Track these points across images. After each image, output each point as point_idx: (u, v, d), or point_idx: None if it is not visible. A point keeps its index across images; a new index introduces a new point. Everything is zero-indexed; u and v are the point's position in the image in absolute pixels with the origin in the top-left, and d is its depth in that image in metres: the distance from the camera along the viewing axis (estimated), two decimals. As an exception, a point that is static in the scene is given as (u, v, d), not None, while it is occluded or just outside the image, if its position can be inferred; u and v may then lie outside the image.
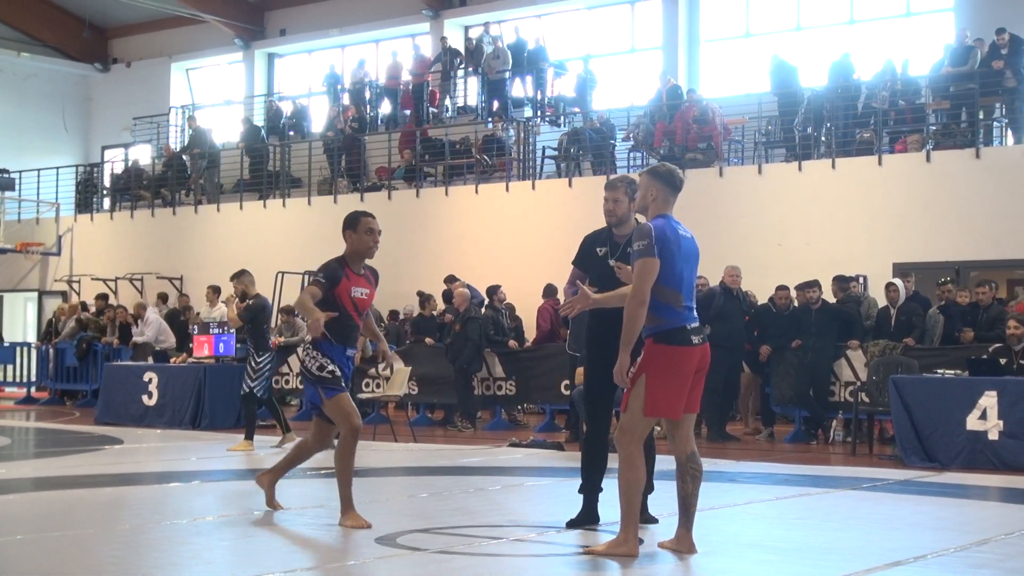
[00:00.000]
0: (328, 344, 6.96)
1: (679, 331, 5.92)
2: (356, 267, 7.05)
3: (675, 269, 5.94)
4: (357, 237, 7.00)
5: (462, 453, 12.04)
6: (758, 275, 15.26)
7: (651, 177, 6.16)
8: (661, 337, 5.92)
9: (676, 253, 5.95)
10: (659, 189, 6.12)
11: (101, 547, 6.31)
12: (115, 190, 25.84)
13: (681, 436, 6.08)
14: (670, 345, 5.90)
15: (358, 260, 7.05)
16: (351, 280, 6.97)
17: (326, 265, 6.98)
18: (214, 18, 27.61)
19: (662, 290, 5.92)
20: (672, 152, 19.17)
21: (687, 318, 5.97)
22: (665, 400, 5.89)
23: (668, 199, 6.13)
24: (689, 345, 5.93)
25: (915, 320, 13.16)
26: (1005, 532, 6.94)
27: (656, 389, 5.88)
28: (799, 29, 21.91)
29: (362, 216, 7.09)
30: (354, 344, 7.10)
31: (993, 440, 10.53)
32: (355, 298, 6.99)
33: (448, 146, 21.20)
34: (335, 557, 6.08)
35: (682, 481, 6.04)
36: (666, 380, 5.88)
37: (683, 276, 5.97)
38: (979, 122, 17.23)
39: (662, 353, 5.90)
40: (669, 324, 5.92)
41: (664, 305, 5.92)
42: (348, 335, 7.02)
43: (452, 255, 20.07)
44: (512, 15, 24.76)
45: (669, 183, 6.14)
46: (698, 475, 6.04)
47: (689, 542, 6.05)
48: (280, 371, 17.18)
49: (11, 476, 9.65)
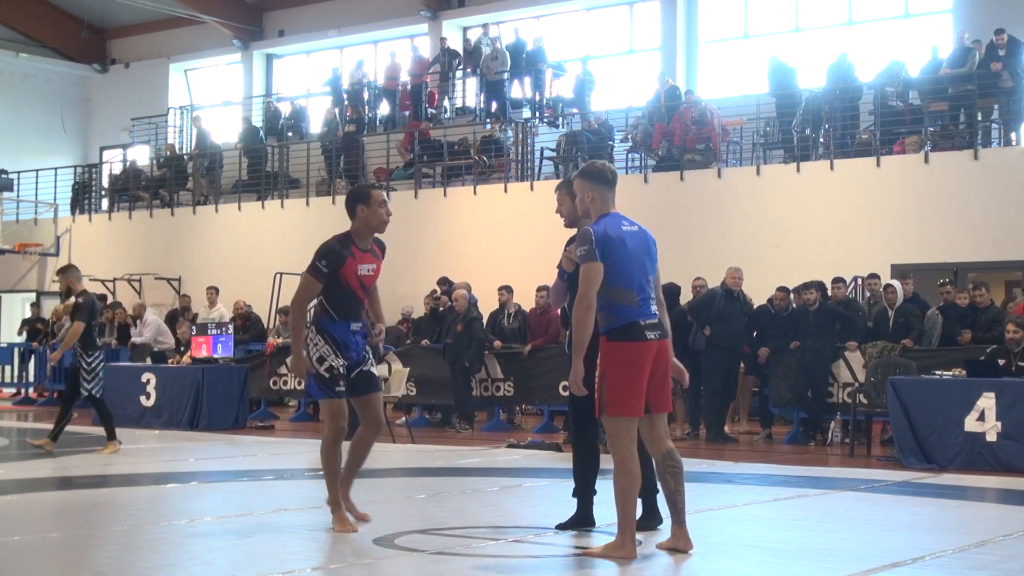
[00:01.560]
0: (331, 320, 6.74)
1: (631, 327, 5.91)
2: (363, 243, 6.77)
3: (624, 268, 5.93)
4: (371, 211, 6.70)
5: (460, 454, 12.04)
6: (756, 276, 15.25)
7: (582, 179, 6.17)
8: (614, 334, 5.93)
9: (623, 251, 5.94)
10: (593, 189, 6.13)
11: (99, 548, 6.31)
12: (113, 191, 25.83)
13: (655, 436, 6.10)
14: (623, 342, 5.91)
15: (367, 235, 6.78)
16: (357, 258, 6.70)
17: (328, 249, 6.66)
18: (212, 19, 27.61)
19: (613, 291, 5.93)
20: (670, 153, 19.19)
21: (641, 313, 5.94)
22: (623, 397, 5.89)
23: (605, 196, 6.12)
24: (643, 340, 5.91)
25: (913, 322, 13.17)
26: (1003, 533, 6.95)
27: (614, 387, 5.90)
28: (797, 30, 21.92)
29: (372, 189, 6.87)
30: (358, 317, 6.82)
31: (991, 441, 10.53)
32: (362, 276, 6.73)
33: (446, 147, 21.20)
34: (333, 558, 6.08)
35: (663, 480, 6.09)
36: (622, 377, 5.88)
37: (633, 273, 5.96)
38: (977, 123, 17.24)
39: (616, 350, 5.91)
40: (621, 321, 5.92)
41: (616, 304, 5.94)
42: (352, 310, 6.77)
43: (450, 256, 20.07)
44: (511, 16, 24.77)
45: (601, 180, 6.13)
46: (678, 472, 6.05)
47: (684, 538, 6.07)
48: (279, 372, 17.17)
49: (9, 476, 9.65)
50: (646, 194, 18.43)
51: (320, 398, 6.88)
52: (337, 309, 6.75)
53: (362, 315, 6.89)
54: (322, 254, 6.67)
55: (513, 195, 20.05)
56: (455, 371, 15.27)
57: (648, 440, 6.13)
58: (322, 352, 6.74)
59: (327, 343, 6.74)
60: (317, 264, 6.65)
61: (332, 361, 6.73)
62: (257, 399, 17.30)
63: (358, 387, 6.85)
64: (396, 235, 20.29)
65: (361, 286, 6.76)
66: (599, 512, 6.92)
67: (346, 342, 6.77)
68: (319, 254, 6.68)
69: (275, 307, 19.41)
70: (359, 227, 6.76)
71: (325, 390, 6.75)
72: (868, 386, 12.57)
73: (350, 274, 6.69)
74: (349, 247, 6.71)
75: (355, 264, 6.70)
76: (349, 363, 6.78)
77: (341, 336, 6.76)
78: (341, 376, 6.74)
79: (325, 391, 6.75)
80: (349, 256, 6.68)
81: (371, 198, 6.76)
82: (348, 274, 6.68)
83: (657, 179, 18.98)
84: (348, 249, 6.70)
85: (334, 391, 6.73)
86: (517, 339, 15.74)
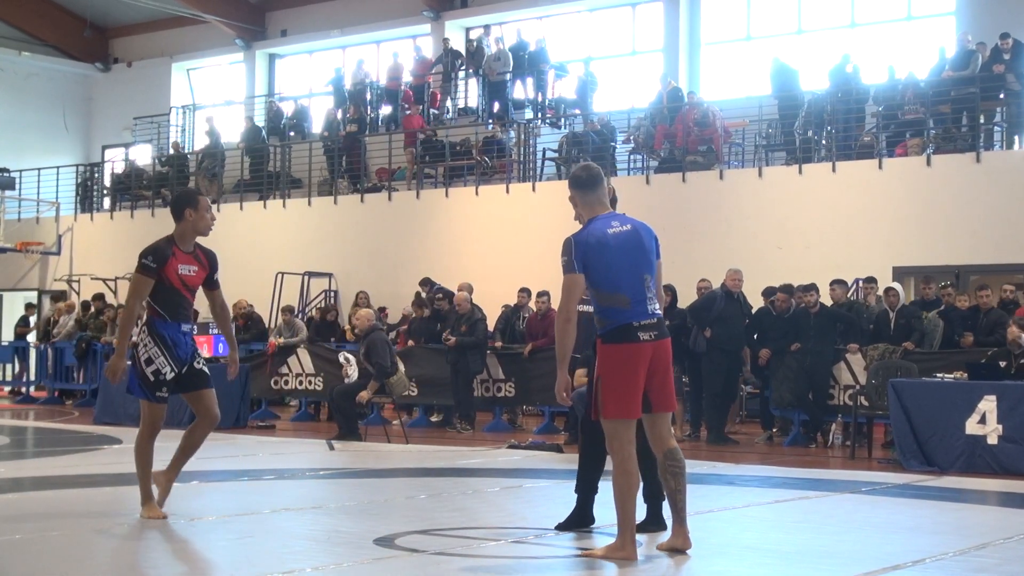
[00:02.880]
0: (163, 322, 7.03)
1: (624, 329, 5.89)
2: (185, 245, 7.09)
3: (608, 273, 5.90)
4: (198, 215, 7.05)
5: (461, 454, 12.04)
6: (758, 278, 15.25)
7: (569, 187, 6.22)
8: (607, 337, 5.93)
9: (606, 255, 5.90)
10: (578, 193, 6.15)
11: (100, 547, 6.31)
12: (115, 190, 25.84)
13: (656, 435, 6.10)
14: (617, 344, 5.89)
15: (190, 238, 7.11)
16: (178, 258, 7.01)
17: (152, 247, 7.00)
18: (215, 18, 27.62)
19: (602, 295, 5.93)
20: (672, 155, 19.20)
21: (635, 315, 5.90)
22: (618, 400, 5.88)
23: (589, 199, 6.12)
24: (636, 342, 5.88)
25: (914, 324, 13.16)
26: (1004, 536, 6.94)
27: (608, 390, 5.89)
28: (800, 32, 21.92)
29: (199, 195, 7.22)
30: (188, 319, 7.14)
31: (992, 444, 10.52)
32: (183, 275, 7.03)
33: (448, 147, 21.20)
34: (333, 558, 6.08)
35: (664, 479, 6.08)
36: (617, 379, 5.88)
37: (620, 277, 5.91)
38: (980, 126, 17.24)
39: (610, 353, 5.91)
40: (614, 323, 5.91)
41: (607, 307, 5.93)
42: (180, 312, 7.08)
43: (452, 256, 20.07)
44: (513, 17, 24.78)
45: (578, 185, 6.16)
46: (679, 471, 6.03)
47: (684, 537, 6.06)
48: (280, 372, 17.18)
49: (10, 475, 9.65)
50: (648, 195, 18.43)
51: (140, 398, 7.17)
52: (167, 309, 7.05)
53: (191, 318, 7.23)
54: (146, 252, 7.01)
55: (515, 196, 20.05)
56: (456, 372, 15.27)
57: (650, 439, 6.13)
58: (151, 354, 7.05)
59: (157, 345, 7.05)
60: (144, 261, 6.97)
61: (160, 365, 7.03)
62: (258, 399, 17.29)
63: (189, 384, 7.18)
64: (397, 235, 20.62)
65: (184, 285, 7.06)
66: (599, 512, 6.91)
67: (176, 342, 7.06)
68: (144, 252, 7.02)
69: (276, 307, 19.43)
70: (183, 230, 7.09)
71: (147, 392, 7.06)
72: (869, 388, 12.56)
73: (171, 273, 6.98)
74: (171, 247, 7.03)
75: (176, 263, 7.01)
76: (177, 363, 7.06)
77: (171, 336, 7.05)
78: (164, 383, 7.05)
79: (146, 393, 7.06)
80: (171, 256, 6.98)
81: (199, 203, 7.10)
82: (170, 272, 6.98)
83: (659, 180, 18.98)
84: (170, 249, 7.02)
85: (155, 396, 7.06)
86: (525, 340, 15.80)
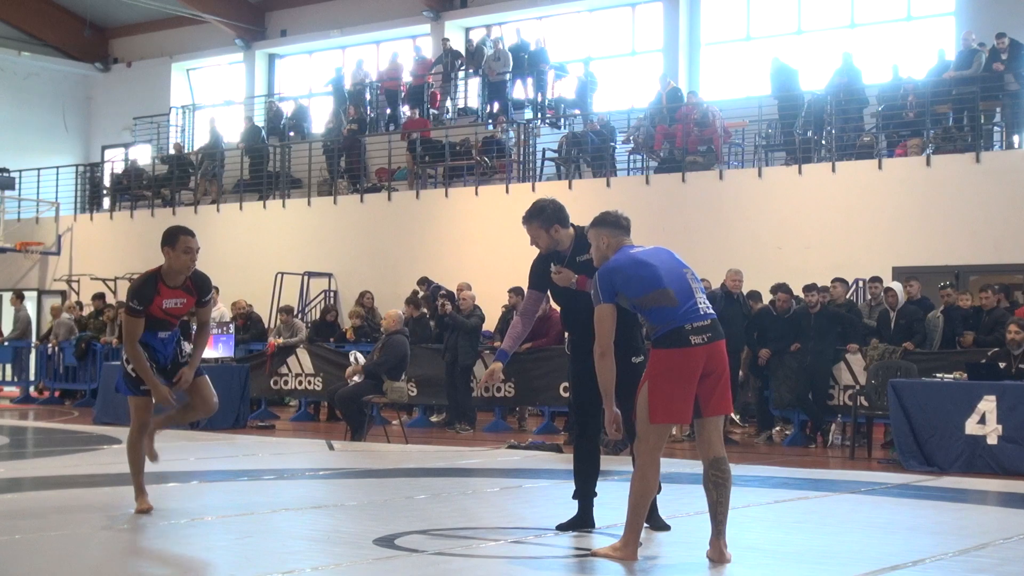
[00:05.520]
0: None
1: (675, 333, 5.85)
2: (172, 280, 7.19)
3: (645, 274, 5.89)
4: (175, 256, 7.13)
5: (460, 455, 12.04)
6: (758, 279, 15.25)
7: (597, 228, 6.21)
8: (659, 342, 5.90)
9: (638, 266, 5.93)
10: (609, 235, 6.16)
11: (99, 547, 6.31)
12: (115, 190, 25.84)
13: (703, 440, 6.02)
14: (667, 349, 5.86)
15: (175, 274, 7.19)
16: (163, 295, 7.16)
17: (138, 288, 7.13)
18: (215, 18, 27.62)
19: (646, 299, 5.89)
20: (672, 155, 19.20)
21: (687, 316, 5.87)
22: (666, 404, 5.85)
23: (621, 240, 6.17)
24: (687, 346, 5.85)
25: (915, 324, 13.16)
26: (1003, 536, 6.94)
27: (657, 393, 5.86)
28: (800, 32, 21.92)
29: (181, 234, 7.19)
30: (166, 329, 7.29)
31: (992, 444, 10.53)
32: (167, 309, 7.21)
33: (448, 148, 21.20)
34: (333, 558, 6.08)
35: (706, 489, 5.95)
36: (667, 384, 5.85)
37: (659, 274, 5.90)
38: (980, 126, 17.24)
39: (661, 357, 5.88)
40: (665, 328, 5.88)
41: (655, 309, 5.89)
42: (158, 327, 7.25)
43: (452, 257, 20.07)
44: (513, 17, 24.78)
45: (615, 226, 6.19)
46: (722, 482, 5.92)
47: (719, 550, 5.94)
48: (279, 372, 17.18)
49: (10, 476, 9.65)
50: (647, 196, 18.43)
51: (127, 395, 7.39)
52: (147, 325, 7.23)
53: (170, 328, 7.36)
54: (132, 294, 7.19)
55: (515, 196, 20.03)
56: (452, 371, 15.28)
57: (698, 444, 6.07)
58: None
59: None
60: (130, 304, 7.16)
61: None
62: (258, 399, 17.29)
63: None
64: (397, 235, 20.61)
65: (167, 315, 7.26)
66: (599, 513, 6.92)
67: (152, 345, 7.28)
68: (129, 294, 7.22)
69: (276, 307, 19.42)
70: (168, 266, 7.21)
71: (131, 388, 7.32)
72: (869, 388, 12.56)
73: (156, 310, 7.19)
74: (155, 285, 7.17)
75: (160, 300, 7.18)
76: (157, 364, 7.30)
77: (148, 341, 7.24)
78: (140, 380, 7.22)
79: (130, 388, 7.33)
80: (155, 295, 7.15)
81: (177, 243, 7.16)
82: (155, 310, 7.18)
83: (659, 181, 18.98)
84: (154, 288, 7.15)
85: (139, 389, 7.30)
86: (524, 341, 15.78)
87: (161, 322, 7.25)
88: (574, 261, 6.82)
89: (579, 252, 6.84)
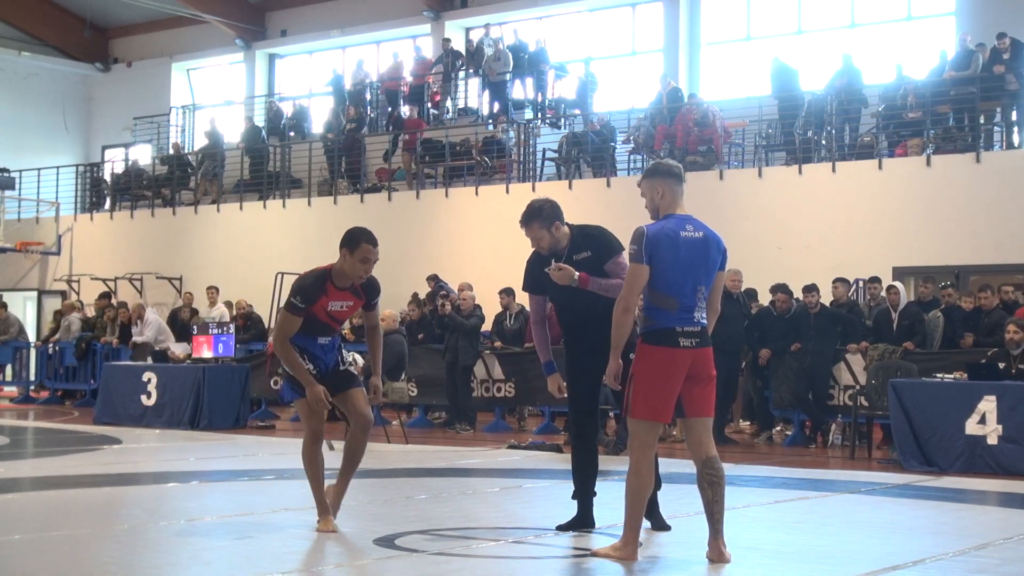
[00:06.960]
0: (299, 334, 6.75)
1: (667, 332, 5.85)
2: (341, 282, 6.69)
3: (667, 275, 5.83)
4: (351, 261, 6.60)
5: (460, 455, 12.04)
6: (758, 279, 15.25)
7: (651, 178, 6.04)
8: (649, 337, 5.89)
9: (673, 258, 5.84)
10: (663, 185, 6.01)
11: (99, 547, 6.31)
12: (116, 190, 25.84)
13: (693, 441, 6.01)
14: (656, 346, 5.86)
15: (345, 277, 6.69)
16: (330, 296, 6.69)
17: (305, 286, 6.63)
18: (215, 18, 27.62)
19: (654, 294, 5.88)
20: (672, 155, 19.18)
21: (680, 320, 5.87)
22: (648, 402, 5.85)
23: (675, 192, 6.02)
24: (676, 347, 5.84)
25: (916, 325, 13.15)
26: (1003, 536, 6.94)
27: (641, 390, 5.86)
28: (800, 32, 21.92)
29: (363, 241, 6.59)
30: (326, 333, 6.84)
31: (992, 444, 10.52)
32: (331, 311, 6.74)
33: (448, 148, 21.21)
34: (333, 559, 6.08)
35: (701, 489, 5.96)
36: (651, 381, 5.85)
37: (678, 282, 5.85)
38: (980, 126, 17.24)
39: (649, 354, 5.87)
40: (658, 325, 5.87)
41: (655, 307, 5.89)
42: (318, 332, 6.80)
43: (452, 257, 20.07)
44: (513, 17, 24.78)
45: (670, 175, 6.04)
46: (716, 481, 5.92)
47: (718, 550, 5.94)
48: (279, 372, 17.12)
49: (10, 476, 9.65)
50: (648, 195, 18.39)
51: (293, 399, 6.98)
52: (303, 329, 6.76)
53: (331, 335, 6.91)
54: (296, 290, 6.68)
55: (515, 196, 20.01)
56: (452, 371, 15.28)
57: (688, 445, 6.05)
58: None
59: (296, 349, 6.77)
60: (293, 301, 6.66)
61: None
62: (258, 399, 17.29)
63: (335, 386, 6.90)
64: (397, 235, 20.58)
65: (330, 319, 6.81)
66: (599, 514, 6.92)
67: (312, 352, 6.82)
68: (294, 290, 6.70)
69: (276, 307, 19.41)
70: (340, 267, 6.68)
71: (296, 391, 6.85)
72: (869, 389, 12.56)
73: (320, 311, 6.72)
74: (324, 285, 6.68)
75: (326, 301, 6.70)
76: (318, 369, 6.82)
77: (305, 346, 6.79)
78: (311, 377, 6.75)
79: (296, 392, 6.86)
80: (322, 295, 6.67)
81: (357, 249, 6.60)
82: (318, 311, 6.71)
83: (659, 181, 18.96)
84: (322, 288, 6.67)
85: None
86: (519, 341, 15.74)
87: (323, 326, 6.77)
88: (571, 260, 6.80)
89: (576, 251, 6.83)
